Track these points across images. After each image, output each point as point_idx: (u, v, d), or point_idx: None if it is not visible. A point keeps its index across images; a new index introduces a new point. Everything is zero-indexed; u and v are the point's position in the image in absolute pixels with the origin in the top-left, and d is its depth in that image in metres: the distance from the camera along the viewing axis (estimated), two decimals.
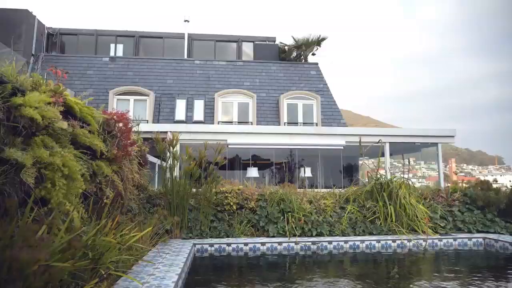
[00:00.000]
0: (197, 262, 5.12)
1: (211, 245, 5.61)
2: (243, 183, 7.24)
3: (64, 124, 3.20)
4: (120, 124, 4.63)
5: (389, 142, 11.98)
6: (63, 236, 2.44)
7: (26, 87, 3.10)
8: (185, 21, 19.04)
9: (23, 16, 16.42)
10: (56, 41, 18.11)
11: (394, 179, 6.98)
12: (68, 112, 3.59)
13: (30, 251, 1.58)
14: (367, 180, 7.51)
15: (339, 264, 5.46)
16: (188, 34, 18.95)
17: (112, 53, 18.20)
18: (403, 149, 13.04)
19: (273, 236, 6.15)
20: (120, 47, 18.65)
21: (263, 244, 5.75)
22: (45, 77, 3.94)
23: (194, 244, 5.45)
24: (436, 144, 12.48)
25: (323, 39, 18.75)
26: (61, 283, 2.33)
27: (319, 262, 5.46)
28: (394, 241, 6.01)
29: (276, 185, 7.76)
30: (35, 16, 16.85)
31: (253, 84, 16.87)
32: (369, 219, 6.57)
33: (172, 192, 6.09)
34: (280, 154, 13.60)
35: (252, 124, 15.66)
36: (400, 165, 8.25)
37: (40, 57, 16.67)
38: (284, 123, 15.87)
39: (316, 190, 7.88)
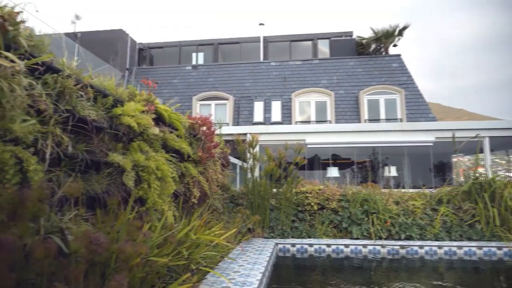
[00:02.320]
0: (279, 261, 5.16)
1: (293, 245, 5.61)
2: (324, 183, 7.10)
3: (156, 130, 3.50)
4: (204, 128, 4.90)
5: (489, 137, 10.63)
6: (159, 232, 2.66)
7: (124, 98, 3.47)
8: (260, 24, 19.43)
9: (119, 35, 18.46)
10: (146, 55, 19.99)
11: (497, 178, 6.17)
12: (159, 119, 3.92)
13: (133, 245, 1.76)
14: (462, 179, 6.77)
15: (433, 271, 5.01)
16: (263, 37, 19.30)
17: (194, 62, 19.44)
18: (507, 144, 11.46)
19: (357, 238, 5.91)
20: (201, 55, 19.83)
21: (346, 246, 5.56)
22: (138, 88, 4.35)
23: (276, 244, 5.51)
24: None
25: (405, 27, 17.47)
26: (158, 275, 2.55)
27: (409, 267, 5.08)
28: (499, 248, 5.31)
29: (358, 185, 7.45)
30: (128, 34, 18.82)
31: (330, 82, 16.48)
32: (467, 223, 5.91)
33: (253, 192, 6.24)
34: (362, 152, 13.03)
35: (330, 122, 15.29)
36: (504, 162, 7.26)
37: (133, 70, 18.57)
38: (365, 120, 15.18)
39: (402, 190, 7.37)
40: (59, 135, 2.36)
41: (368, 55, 17.68)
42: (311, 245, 5.60)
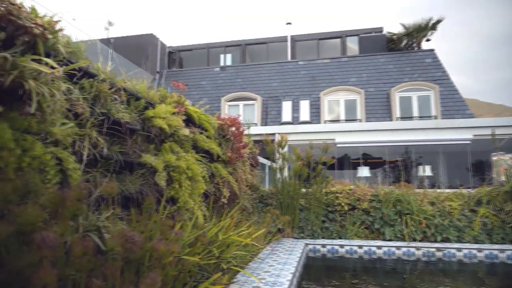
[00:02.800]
0: (310, 262, 5.11)
1: (323, 245, 5.54)
2: (354, 183, 6.96)
3: (186, 131, 3.56)
4: (233, 128, 4.94)
5: None
6: (190, 232, 2.71)
7: (155, 100, 3.56)
8: (287, 23, 19.34)
9: (149, 40, 19.00)
10: (175, 58, 20.44)
11: None
12: (189, 120, 3.99)
13: (166, 244, 1.80)
14: (504, 178, 6.41)
15: (473, 276, 4.77)
16: (291, 36, 19.19)
17: (222, 63, 19.66)
18: None
19: (390, 240, 5.75)
20: (229, 56, 20.02)
21: (379, 247, 5.42)
22: (169, 90, 4.46)
23: (306, 244, 5.46)
24: None
25: (439, 21, 16.79)
26: (190, 274, 2.60)
27: (446, 271, 4.88)
28: None
29: (390, 185, 7.24)
30: (158, 38, 19.33)
31: (359, 80, 16.13)
32: (510, 225, 5.59)
33: (282, 192, 6.22)
34: (394, 151, 12.65)
35: (360, 121, 14.97)
36: None
37: (163, 73, 19.04)
38: (397, 118, 14.73)
39: (438, 190, 7.08)
40: (95, 137, 2.46)
41: (400, 51, 17.15)
42: (342, 246, 5.50)
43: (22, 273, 1.32)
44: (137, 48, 18.52)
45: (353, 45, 18.64)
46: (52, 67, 1.93)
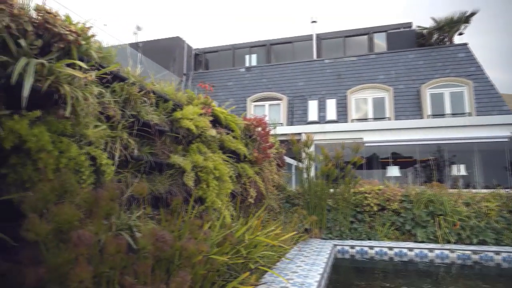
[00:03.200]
0: (338, 263, 5.03)
1: (352, 247, 5.44)
2: (383, 183, 6.79)
3: (213, 132, 3.60)
4: (259, 129, 4.95)
5: None
6: (218, 231, 2.74)
7: (183, 102, 3.63)
8: (313, 22, 19.15)
9: (176, 42, 19.38)
10: (201, 59, 20.74)
11: None
12: (216, 121, 4.04)
13: (195, 243, 1.83)
14: None
15: None
16: (316, 34, 18.99)
17: (247, 64, 19.75)
18: None
19: (422, 242, 5.56)
20: (254, 57, 20.08)
21: (410, 249, 5.25)
22: (195, 91, 4.53)
23: (335, 245, 5.38)
24: None
25: (473, 13, 16.06)
26: (218, 273, 2.62)
27: (483, 275, 4.66)
28: None
29: (422, 184, 7.01)
30: (184, 41, 19.68)
31: (388, 77, 15.71)
32: None
33: (309, 192, 6.17)
34: (425, 150, 12.23)
35: (389, 119, 14.58)
36: None
37: (190, 75, 19.37)
38: (428, 115, 14.23)
39: (473, 190, 6.79)
40: (126, 139, 2.53)
41: (430, 46, 16.56)
42: (371, 247, 5.38)
43: (60, 269, 1.38)
44: (164, 51, 18.94)
45: (380, 41, 18.19)
46: (85, 72, 2.00)
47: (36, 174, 1.66)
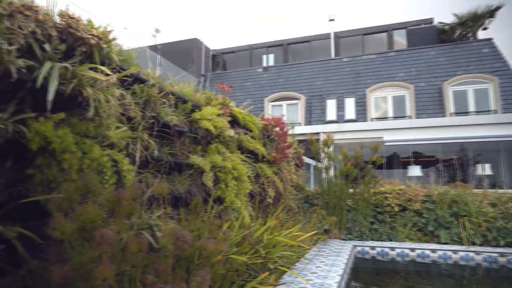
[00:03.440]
0: (358, 264, 4.96)
1: (373, 247, 5.35)
2: (405, 183, 6.65)
3: (232, 132, 3.62)
4: (277, 129, 4.94)
5: None
6: (237, 231, 2.75)
7: (201, 103, 3.66)
8: (330, 20, 18.97)
9: (194, 44, 19.59)
10: (219, 60, 20.89)
11: None
12: (234, 121, 4.06)
13: (215, 243, 1.84)
14: None
15: None
16: (334, 33, 18.80)
17: (264, 64, 19.75)
18: None
19: (445, 243, 5.42)
20: (271, 57, 20.06)
21: (433, 251, 5.12)
22: (213, 92, 4.56)
23: (354, 246, 5.31)
24: None
25: (498, 7, 15.53)
26: (237, 273, 2.63)
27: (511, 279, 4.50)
28: None
29: (445, 184, 6.83)
30: (202, 42, 19.86)
31: (408, 75, 15.38)
32: None
33: (328, 192, 6.11)
34: (448, 149, 11.91)
35: (410, 118, 14.27)
36: None
37: (208, 76, 19.53)
38: (451, 113, 13.85)
39: (500, 190, 6.55)
40: (146, 140, 2.58)
41: (453, 42, 16.11)
42: (392, 248, 5.28)
43: (85, 267, 1.42)
44: (182, 53, 19.17)
45: (400, 38, 17.84)
46: (107, 75, 2.05)
47: (61, 175, 1.71)
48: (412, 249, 5.20)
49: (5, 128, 1.59)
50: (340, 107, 15.77)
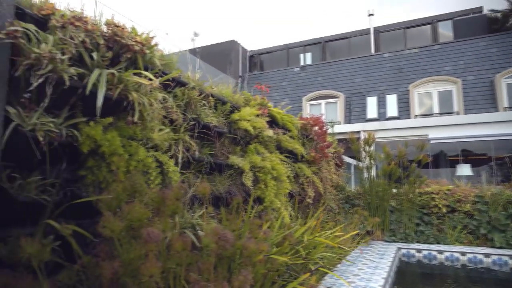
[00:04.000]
0: (403, 267, 4.76)
1: (419, 250, 5.12)
2: (453, 183, 6.29)
3: (270, 132, 3.62)
4: (316, 128, 4.87)
5: None
6: (277, 231, 2.74)
7: (240, 104, 3.70)
8: (370, 15, 18.40)
9: (231, 46, 19.86)
10: (256, 61, 21.01)
11: None
12: (272, 121, 4.06)
13: (256, 243, 1.85)
14: None
15: None
16: (374, 28, 18.21)
17: (301, 63, 19.57)
18: None
19: (500, 247, 5.05)
20: (308, 55, 19.84)
21: (486, 255, 4.80)
22: (251, 93, 4.59)
23: (399, 248, 5.11)
24: None
25: None
26: (278, 273, 2.63)
27: None
28: None
29: (498, 184, 6.38)
30: (239, 44, 20.09)
31: (455, 68, 14.53)
32: None
33: (370, 192, 5.93)
34: (502, 146, 11.11)
35: (458, 114, 13.49)
36: None
37: (245, 77, 19.71)
38: (504, 108, 12.90)
39: None
40: (188, 141, 2.65)
41: (506, 31, 15.00)
42: (440, 252, 5.01)
43: (132, 264, 1.49)
44: (220, 55, 19.51)
45: (446, 30, 16.91)
46: (150, 79, 2.13)
47: (110, 176, 1.81)
48: (463, 253, 4.91)
49: (60, 132, 1.70)
50: (382, 105, 15.26)
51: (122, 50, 2.13)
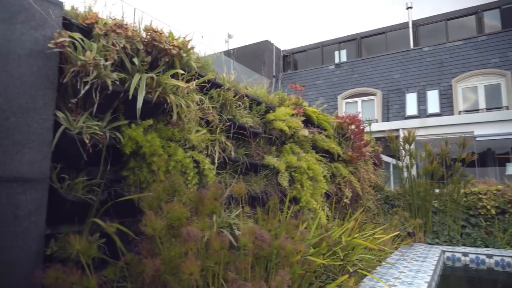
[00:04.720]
0: (448, 272, 4.53)
1: (465, 254, 4.85)
2: (503, 182, 5.90)
3: (306, 132, 3.59)
4: (352, 126, 4.76)
5: None
6: (314, 232, 2.71)
7: (274, 104, 3.69)
8: (408, 8, 17.70)
9: (265, 46, 19.89)
10: (289, 61, 20.89)
11: None
12: (308, 121, 4.02)
13: (293, 243, 1.84)
14: None
15: None
16: (412, 21, 17.50)
17: (336, 60, 19.20)
18: None
19: None
20: (343, 52, 19.43)
21: None
22: (286, 92, 4.57)
23: (443, 251, 4.87)
24: None
25: None
26: (315, 274, 2.60)
27: None
28: None
29: None
30: (273, 44, 20.08)
31: (503, 60, 13.62)
32: None
33: (411, 192, 5.70)
34: None
35: (507, 108, 12.63)
36: None
37: (279, 76, 19.66)
38: None
39: None
40: (223, 142, 2.69)
41: None
42: (490, 256, 4.72)
43: (173, 261, 1.53)
44: (254, 56, 19.61)
45: (492, 20, 15.88)
46: (187, 81, 2.19)
47: (151, 176, 1.87)
48: None
49: (104, 135, 1.78)
50: (422, 101, 14.63)
51: (160, 54, 2.20)
